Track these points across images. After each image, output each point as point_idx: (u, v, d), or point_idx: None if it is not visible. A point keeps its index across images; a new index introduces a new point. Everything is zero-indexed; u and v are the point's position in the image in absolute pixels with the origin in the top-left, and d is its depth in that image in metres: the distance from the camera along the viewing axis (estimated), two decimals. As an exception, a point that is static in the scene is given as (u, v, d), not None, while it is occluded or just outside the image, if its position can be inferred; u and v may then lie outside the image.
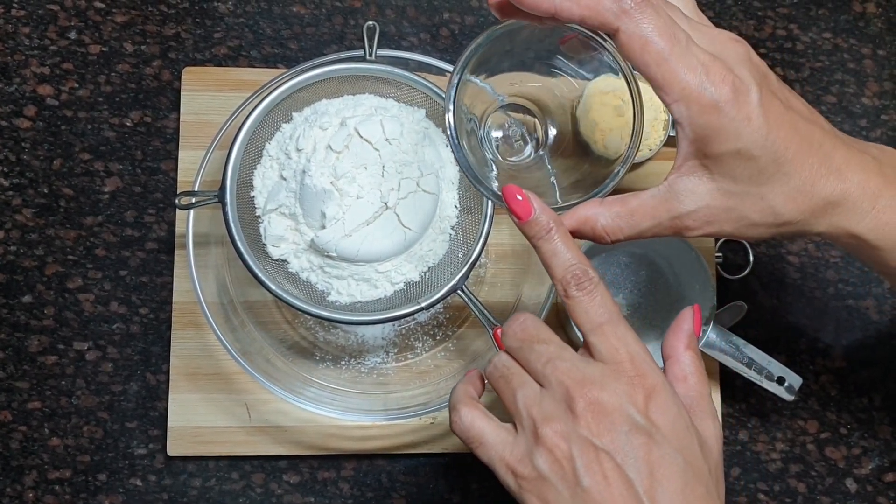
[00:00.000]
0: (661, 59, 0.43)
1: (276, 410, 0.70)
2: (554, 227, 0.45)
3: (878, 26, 0.79)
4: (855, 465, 0.74)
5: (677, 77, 0.43)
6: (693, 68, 0.43)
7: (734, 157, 0.44)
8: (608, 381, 0.42)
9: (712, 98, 0.43)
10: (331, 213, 0.59)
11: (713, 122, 0.43)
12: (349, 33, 0.75)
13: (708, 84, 0.43)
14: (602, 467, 0.41)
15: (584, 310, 0.43)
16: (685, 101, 0.43)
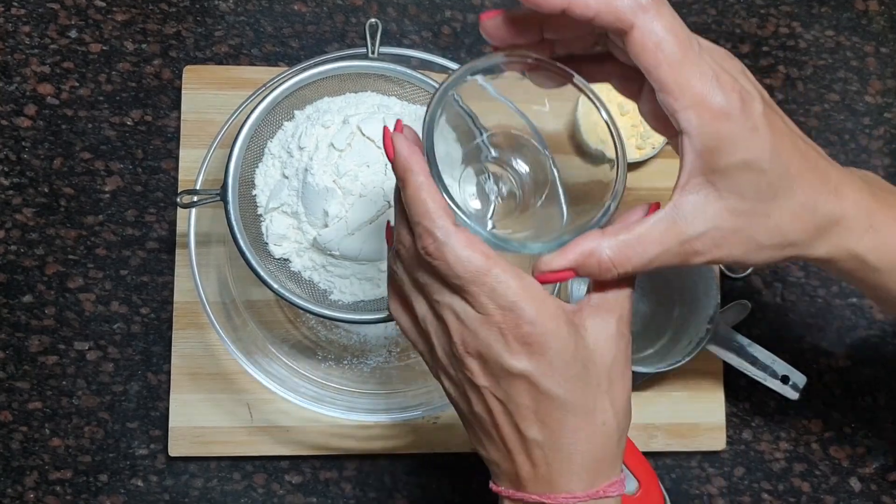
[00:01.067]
0: (675, 61, 0.42)
1: (277, 410, 0.69)
2: (409, 174, 0.43)
3: (881, 24, 0.78)
4: (859, 464, 0.73)
5: (690, 82, 0.42)
6: (704, 75, 0.42)
7: (742, 169, 0.43)
8: (482, 333, 0.43)
9: (722, 106, 0.42)
10: (333, 211, 0.59)
11: (723, 131, 0.42)
12: (350, 31, 0.74)
13: (718, 91, 0.42)
14: (486, 402, 0.44)
15: (441, 273, 0.42)
16: (696, 108, 0.42)
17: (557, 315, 0.42)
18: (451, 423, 0.70)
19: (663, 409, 0.72)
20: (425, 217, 0.42)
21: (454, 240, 0.41)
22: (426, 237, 0.42)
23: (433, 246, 0.42)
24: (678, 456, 0.72)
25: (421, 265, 0.43)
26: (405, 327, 0.47)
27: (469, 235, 0.42)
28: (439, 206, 0.42)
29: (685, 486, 0.72)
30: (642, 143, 0.72)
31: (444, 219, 0.42)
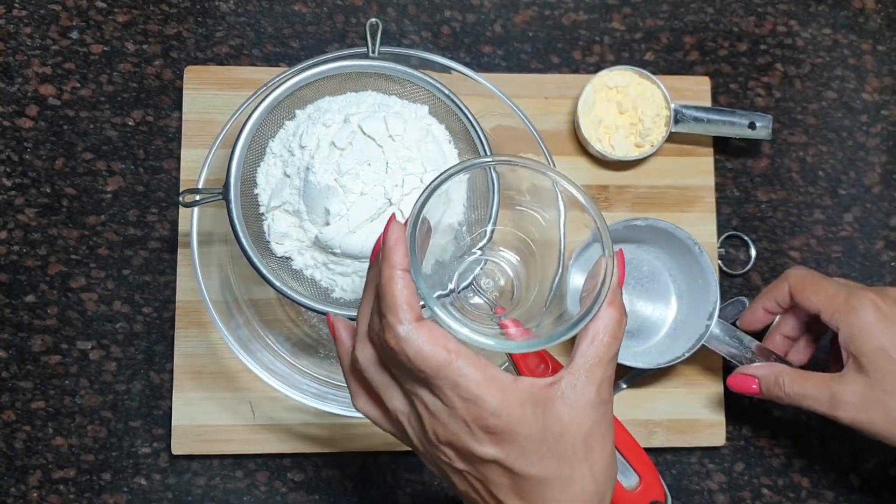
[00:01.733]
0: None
1: (280, 408, 0.70)
2: (385, 265, 0.44)
3: (878, 22, 0.79)
4: (858, 460, 0.74)
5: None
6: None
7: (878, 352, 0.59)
8: (451, 425, 0.44)
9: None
10: (335, 209, 0.59)
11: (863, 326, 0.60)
12: (350, 31, 0.75)
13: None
14: (468, 482, 0.46)
15: (405, 366, 0.44)
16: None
17: (524, 401, 0.44)
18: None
19: (663, 405, 0.72)
20: (390, 310, 0.43)
21: (415, 335, 0.43)
22: (388, 331, 0.43)
23: (394, 341, 0.43)
24: (678, 452, 0.73)
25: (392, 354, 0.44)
26: (375, 419, 0.48)
27: (433, 330, 0.43)
28: (406, 300, 0.43)
29: (685, 481, 0.73)
30: (641, 140, 0.72)
31: (407, 313, 0.43)
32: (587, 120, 0.73)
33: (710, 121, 0.72)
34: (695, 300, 0.70)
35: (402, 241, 0.44)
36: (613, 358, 0.47)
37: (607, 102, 0.73)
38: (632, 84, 0.73)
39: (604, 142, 0.73)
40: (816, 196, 0.76)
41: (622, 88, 0.73)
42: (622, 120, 0.73)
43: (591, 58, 0.76)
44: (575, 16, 0.77)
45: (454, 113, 0.63)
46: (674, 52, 0.77)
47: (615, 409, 0.69)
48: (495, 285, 0.58)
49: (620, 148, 0.73)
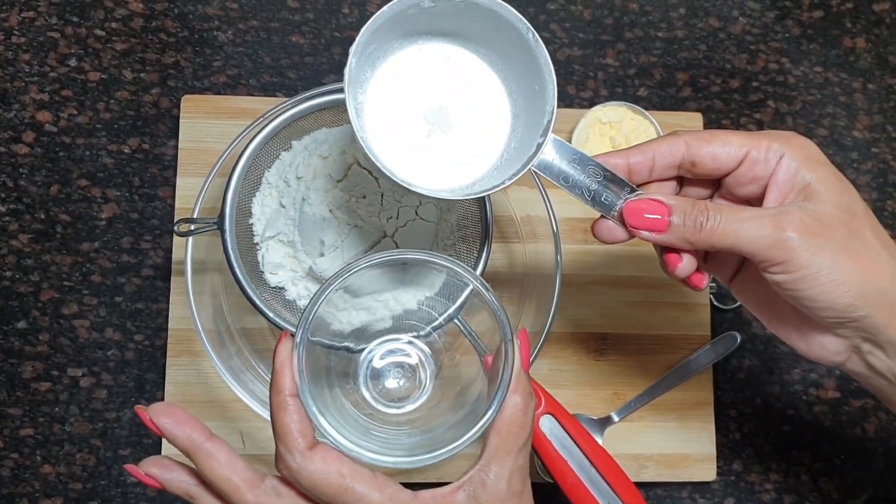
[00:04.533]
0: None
1: (271, 438, 0.68)
2: (272, 393, 0.45)
3: (868, 61, 0.80)
4: (849, 497, 0.74)
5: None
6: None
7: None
8: None
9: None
10: (329, 241, 0.59)
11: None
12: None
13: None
14: None
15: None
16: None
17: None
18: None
19: (654, 439, 0.72)
20: (281, 441, 0.44)
21: (307, 465, 0.43)
22: (280, 462, 0.44)
23: (286, 472, 0.44)
24: (669, 486, 0.73)
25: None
26: None
27: (326, 456, 0.43)
28: (297, 428, 0.43)
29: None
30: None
31: (299, 441, 0.43)
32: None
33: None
34: (530, 114, 0.50)
35: (288, 363, 0.44)
36: (523, 447, 0.46)
37: (601, 137, 0.74)
38: (625, 119, 0.74)
39: None
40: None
41: (616, 123, 0.74)
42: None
43: (585, 93, 0.77)
44: (569, 51, 0.77)
45: (449, 146, 0.64)
46: (667, 88, 0.78)
47: (607, 443, 0.70)
48: (404, 377, 0.56)
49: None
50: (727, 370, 0.74)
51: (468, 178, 0.51)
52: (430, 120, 0.51)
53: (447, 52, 0.51)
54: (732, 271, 0.53)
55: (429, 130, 0.51)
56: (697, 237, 0.46)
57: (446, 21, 0.49)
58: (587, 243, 0.74)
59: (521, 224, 0.71)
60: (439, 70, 0.51)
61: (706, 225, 0.46)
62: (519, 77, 0.51)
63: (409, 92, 0.50)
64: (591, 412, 0.72)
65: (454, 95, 0.51)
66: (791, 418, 0.75)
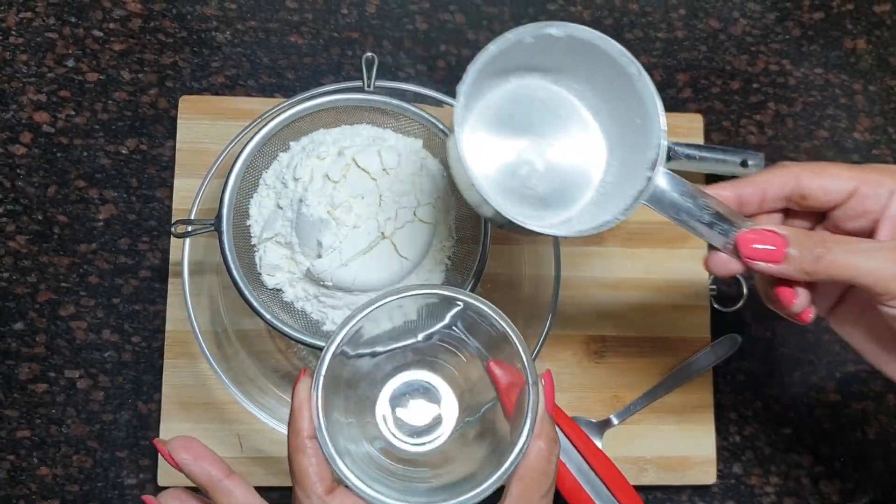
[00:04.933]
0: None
1: (268, 441, 0.69)
2: (290, 433, 0.44)
3: (869, 62, 0.80)
4: (849, 499, 0.74)
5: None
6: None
7: None
8: None
9: None
10: (327, 242, 0.59)
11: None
12: (346, 64, 0.75)
13: None
14: None
15: None
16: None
17: None
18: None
19: (653, 442, 0.72)
20: (298, 485, 0.43)
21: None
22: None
23: None
24: (668, 490, 0.72)
25: None
26: None
27: (345, 498, 0.43)
28: (315, 471, 0.43)
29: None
30: None
31: (317, 486, 0.43)
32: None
33: (702, 158, 0.73)
34: (630, 148, 0.50)
35: (306, 404, 0.43)
36: (546, 494, 0.45)
37: None
38: None
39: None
40: (808, 234, 0.77)
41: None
42: None
43: (585, 93, 0.77)
44: (569, 52, 0.77)
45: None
46: (667, 90, 0.77)
47: (607, 446, 0.70)
48: (424, 407, 0.55)
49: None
50: (727, 373, 0.74)
51: (566, 213, 0.51)
52: (523, 157, 0.51)
53: (539, 87, 0.52)
54: (832, 303, 0.52)
55: (524, 166, 0.51)
56: (815, 268, 0.46)
57: (539, 56, 0.49)
58: (586, 244, 0.74)
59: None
60: (533, 106, 0.51)
61: (825, 256, 0.46)
62: (615, 110, 0.50)
63: (505, 129, 0.51)
64: (590, 415, 0.71)
65: (547, 130, 0.52)
66: (791, 421, 0.74)
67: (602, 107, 0.52)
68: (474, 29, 0.77)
